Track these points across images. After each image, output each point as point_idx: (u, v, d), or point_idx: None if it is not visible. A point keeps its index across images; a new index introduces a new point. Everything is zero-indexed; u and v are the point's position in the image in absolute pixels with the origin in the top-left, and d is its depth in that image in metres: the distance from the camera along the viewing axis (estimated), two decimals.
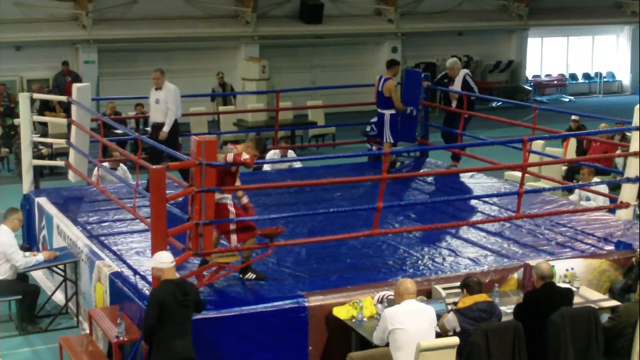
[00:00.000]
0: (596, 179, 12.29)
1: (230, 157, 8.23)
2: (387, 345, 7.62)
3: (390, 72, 13.23)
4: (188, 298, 7.50)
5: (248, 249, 8.58)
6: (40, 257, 10.18)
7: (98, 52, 24.13)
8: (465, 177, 13.19)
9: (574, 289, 8.67)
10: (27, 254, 10.24)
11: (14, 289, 10.07)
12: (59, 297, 10.59)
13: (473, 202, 11.71)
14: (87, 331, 9.11)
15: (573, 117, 16.78)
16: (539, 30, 31.31)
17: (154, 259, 7.71)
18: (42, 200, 11.84)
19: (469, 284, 8.04)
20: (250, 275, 8.75)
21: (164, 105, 12.12)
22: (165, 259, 7.64)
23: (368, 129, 14.13)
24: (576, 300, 8.50)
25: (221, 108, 21.40)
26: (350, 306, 8.29)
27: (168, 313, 7.42)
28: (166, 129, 12.13)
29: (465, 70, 13.76)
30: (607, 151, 14.62)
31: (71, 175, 12.66)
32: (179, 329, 7.48)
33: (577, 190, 12.69)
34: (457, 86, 13.53)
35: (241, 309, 8.14)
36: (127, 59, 24.23)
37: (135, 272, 8.99)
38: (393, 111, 13.13)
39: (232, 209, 8.40)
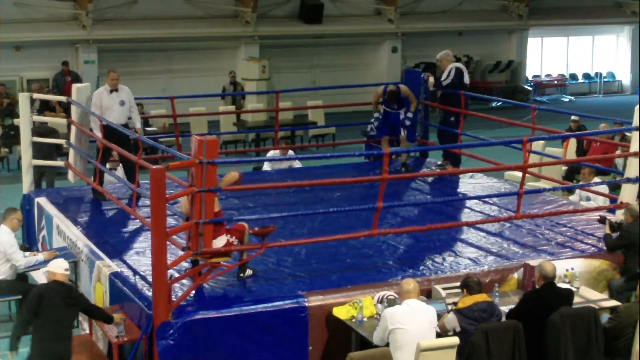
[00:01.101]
0: (596, 179, 12.28)
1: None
2: (387, 345, 7.63)
3: None
4: (73, 296, 7.73)
5: (241, 250, 8.56)
6: (40, 257, 10.16)
7: (98, 52, 24.15)
8: (465, 177, 13.17)
9: (573, 289, 8.67)
10: (27, 254, 10.23)
11: (14, 289, 10.06)
12: None
13: (473, 202, 11.70)
14: (87, 331, 9.10)
15: (573, 117, 16.76)
16: (539, 30, 31.33)
17: (50, 264, 8.15)
18: (42, 200, 11.83)
19: (469, 284, 8.04)
20: (248, 272, 8.76)
21: (128, 105, 12.16)
22: (59, 264, 8.03)
23: (368, 128, 14.12)
24: (576, 300, 8.50)
25: (221, 108, 21.38)
26: (350, 306, 8.29)
27: (49, 309, 7.57)
28: (139, 125, 12.22)
29: (459, 64, 13.72)
30: (607, 151, 14.61)
31: (71, 175, 12.66)
32: (61, 330, 7.63)
33: (577, 191, 12.68)
34: (445, 74, 13.53)
35: (241, 309, 8.13)
36: (127, 59, 24.24)
37: (135, 272, 8.99)
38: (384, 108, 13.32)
39: (235, 242, 8.42)
